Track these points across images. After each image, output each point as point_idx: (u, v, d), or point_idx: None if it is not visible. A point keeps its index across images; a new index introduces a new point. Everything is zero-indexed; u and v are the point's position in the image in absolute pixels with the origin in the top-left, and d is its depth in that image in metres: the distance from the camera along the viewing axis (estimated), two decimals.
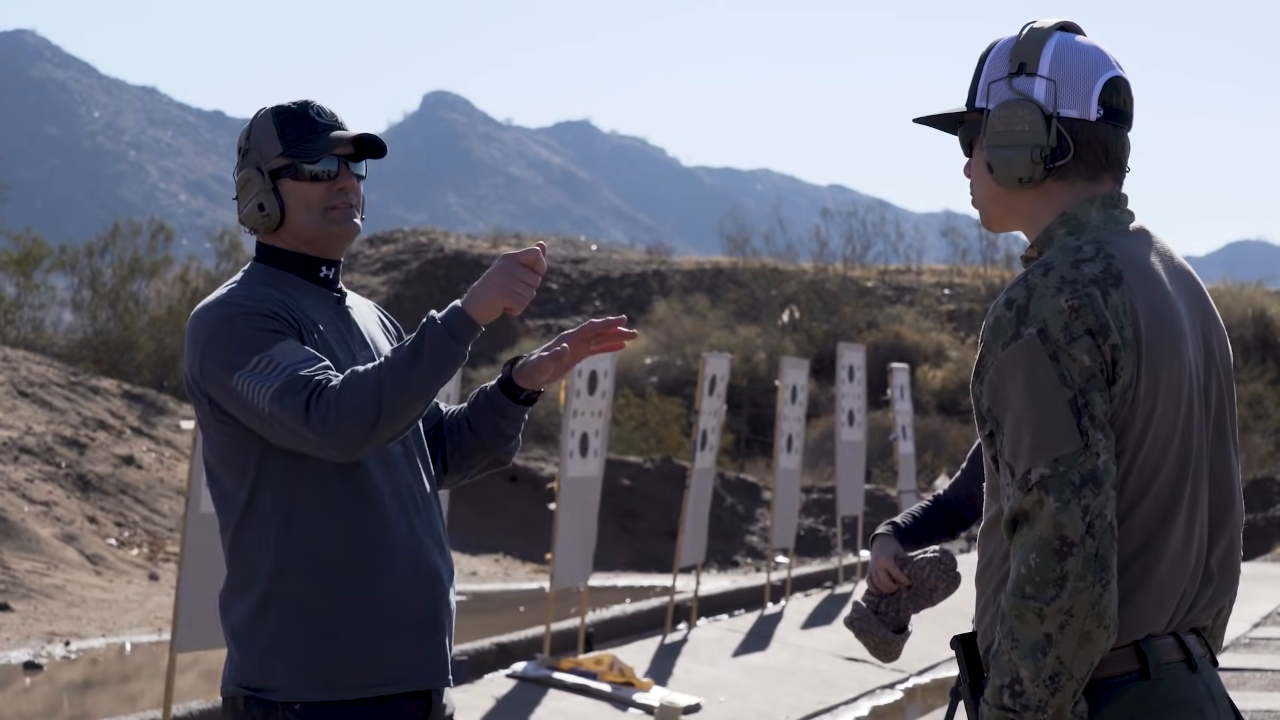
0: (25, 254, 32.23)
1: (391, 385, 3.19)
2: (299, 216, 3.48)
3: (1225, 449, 2.84)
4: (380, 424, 3.20)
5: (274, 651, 3.36)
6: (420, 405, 3.24)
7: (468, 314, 3.23)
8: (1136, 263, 2.75)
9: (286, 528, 3.37)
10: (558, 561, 10.62)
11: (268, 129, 3.49)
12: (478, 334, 3.24)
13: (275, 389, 3.24)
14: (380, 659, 3.37)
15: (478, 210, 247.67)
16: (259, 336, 3.32)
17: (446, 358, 3.22)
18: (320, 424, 3.21)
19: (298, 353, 3.30)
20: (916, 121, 2.97)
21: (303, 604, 3.36)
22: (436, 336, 3.21)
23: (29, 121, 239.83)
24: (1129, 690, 2.70)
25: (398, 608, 3.39)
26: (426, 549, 3.45)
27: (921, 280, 43.44)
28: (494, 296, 3.23)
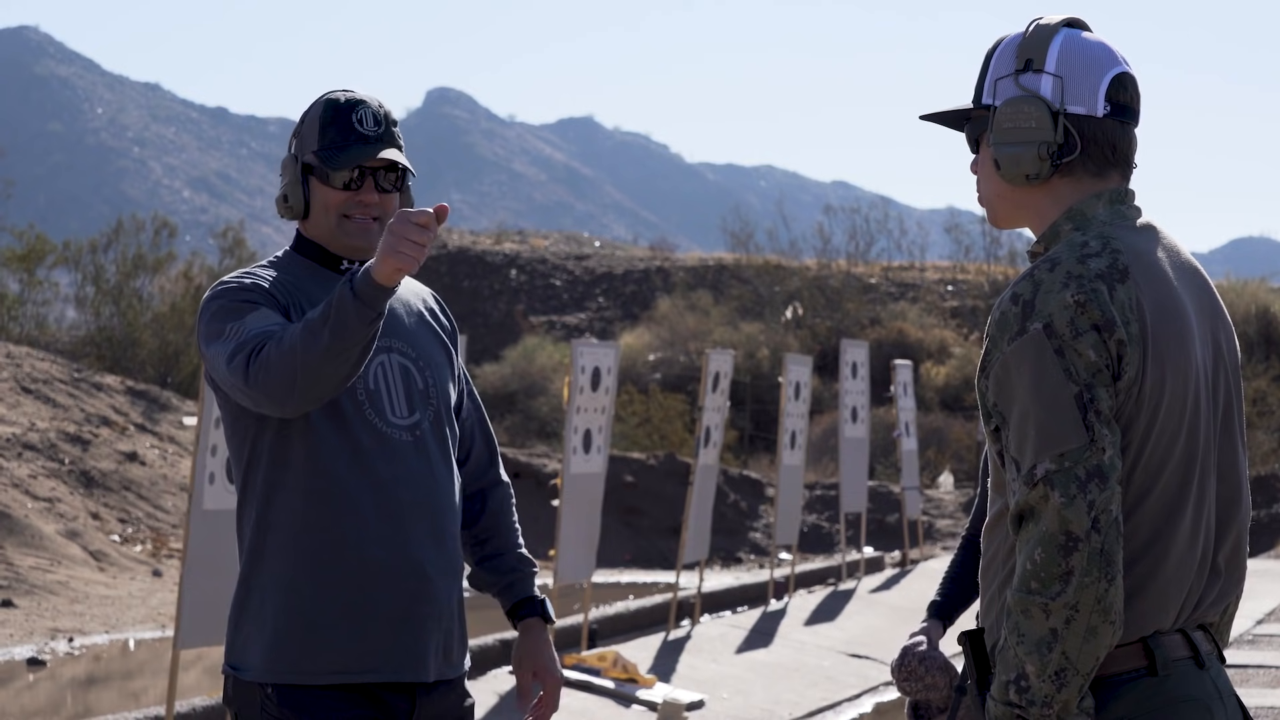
0: (28, 250, 32.22)
1: (303, 346, 3.16)
2: (317, 216, 3.49)
3: (1233, 445, 2.83)
4: (299, 383, 3.18)
5: (250, 631, 3.40)
6: (336, 364, 3.17)
7: (369, 274, 3.16)
8: (1143, 258, 2.75)
9: (269, 508, 3.40)
10: (561, 558, 10.62)
11: (314, 121, 3.48)
12: (383, 294, 3.15)
13: (229, 350, 3.27)
14: (349, 647, 3.37)
15: (481, 207, 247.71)
16: (237, 308, 3.34)
17: (351, 316, 3.14)
18: (255, 382, 3.22)
19: (266, 319, 3.31)
20: (923, 119, 2.97)
21: (277, 586, 3.38)
22: (343, 298, 3.15)
23: (32, 118, 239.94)
24: (1136, 687, 2.70)
25: (369, 597, 3.37)
26: (412, 542, 3.41)
27: (925, 277, 43.42)
28: (379, 257, 3.14)
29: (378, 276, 3.14)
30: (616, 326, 40.79)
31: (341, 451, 3.38)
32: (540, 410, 33.22)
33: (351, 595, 3.37)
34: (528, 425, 32.90)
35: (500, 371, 36.63)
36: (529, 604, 3.65)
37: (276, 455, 3.39)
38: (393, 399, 3.46)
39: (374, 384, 3.44)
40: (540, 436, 31.28)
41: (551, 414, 31.95)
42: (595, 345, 11.19)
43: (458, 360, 3.67)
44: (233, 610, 3.46)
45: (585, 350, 10.92)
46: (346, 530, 3.38)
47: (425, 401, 3.51)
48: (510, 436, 31.38)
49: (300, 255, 3.54)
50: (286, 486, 3.39)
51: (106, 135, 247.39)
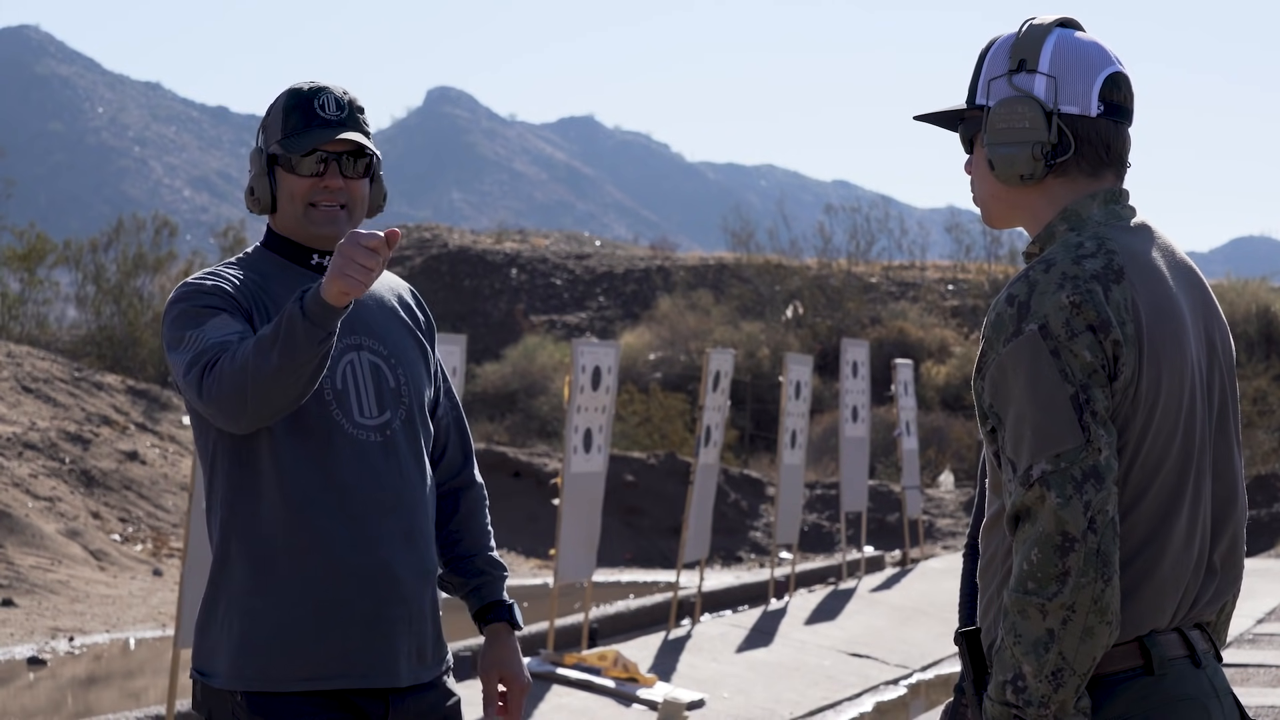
0: (29, 250, 32.24)
1: (254, 364, 3.13)
2: (284, 207, 3.46)
3: (1228, 444, 2.84)
4: (250, 400, 3.15)
5: (218, 639, 3.37)
6: (286, 382, 3.14)
7: (319, 294, 3.12)
8: (1138, 258, 2.75)
9: (234, 512, 3.36)
10: (561, 557, 10.62)
11: (278, 111, 3.46)
12: (332, 314, 3.12)
13: (186, 362, 3.24)
14: (317, 652, 3.33)
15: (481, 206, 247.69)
16: (197, 314, 3.31)
17: (301, 337, 3.10)
18: (208, 398, 3.19)
19: (225, 327, 3.27)
20: (917, 119, 2.97)
21: (241, 591, 3.35)
22: (292, 316, 3.12)
23: (33, 117, 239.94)
24: (1133, 686, 2.70)
25: (337, 601, 3.34)
26: (381, 543, 3.37)
27: (925, 276, 43.42)
28: (327, 278, 3.11)
29: (327, 296, 3.10)
30: (617, 326, 40.79)
31: (307, 454, 3.34)
32: (541, 409, 33.22)
33: (319, 599, 3.33)
34: (528, 424, 32.90)
35: (501, 371, 36.63)
36: (497, 608, 3.61)
37: (242, 458, 3.35)
38: (361, 398, 3.41)
39: (341, 384, 3.40)
40: (541, 436, 31.28)
41: (552, 413, 31.95)
42: (596, 344, 11.19)
43: (434, 357, 3.61)
44: (200, 615, 3.42)
45: (586, 349, 10.93)
46: (313, 533, 3.33)
47: (396, 400, 3.45)
48: (511, 436, 31.38)
49: (269, 251, 3.50)
50: (252, 490, 3.35)
51: (107, 134, 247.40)
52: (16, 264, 32.15)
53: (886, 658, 12.24)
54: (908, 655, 12.40)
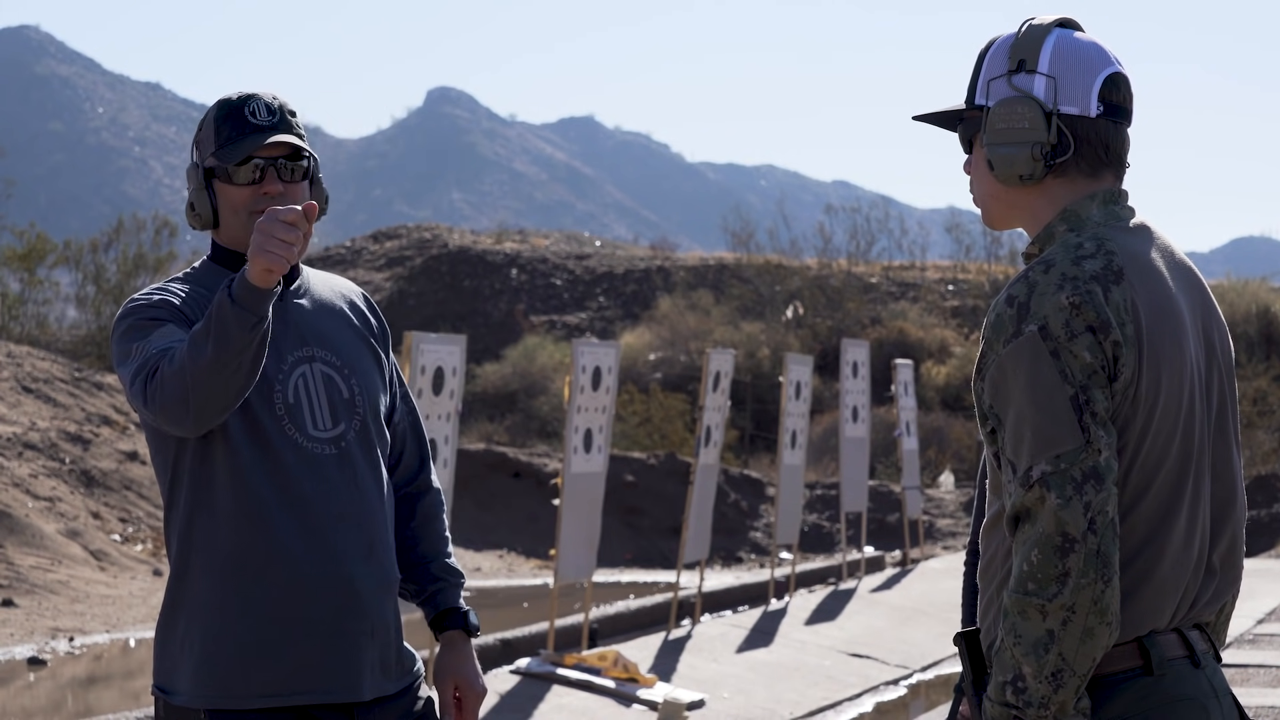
0: (29, 250, 32.25)
1: (191, 360, 3.10)
2: (227, 219, 3.41)
3: (1227, 445, 2.84)
4: (193, 399, 3.12)
5: (178, 655, 3.33)
6: (228, 374, 3.11)
7: (244, 277, 3.09)
8: (1137, 259, 2.75)
9: (190, 528, 3.33)
10: (562, 557, 10.62)
11: (210, 124, 3.42)
12: (261, 296, 3.07)
13: (132, 373, 3.22)
14: (278, 668, 3.30)
15: (481, 206, 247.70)
16: (142, 327, 3.28)
17: (232, 323, 3.07)
18: (152, 404, 3.17)
19: (169, 336, 3.24)
20: (916, 119, 2.97)
21: (201, 607, 3.31)
22: (221, 304, 3.09)
23: (33, 117, 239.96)
24: (1132, 686, 2.70)
25: (302, 613, 3.31)
26: (340, 557, 3.34)
27: (925, 276, 43.42)
28: (252, 256, 3.07)
29: (252, 278, 3.07)
30: (617, 326, 40.79)
31: (262, 469, 3.31)
32: (541, 410, 33.22)
33: (279, 614, 3.30)
34: (528, 425, 32.91)
35: (501, 371, 36.63)
36: (452, 615, 3.57)
37: (199, 475, 3.32)
38: (314, 411, 3.38)
39: (294, 397, 3.36)
40: (541, 436, 31.28)
41: (552, 413, 31.95)
42: (596, 345, 11.19)
43: (389, 362, 3.57)
44: (159, 632, 3.39)
45: (586, 350, 10.93)
46: (271, 549, 3.31)
47: (350, 411, 3.42)
48: (511, 436, 31.38)
49: (216, 264, 3.46)
50: (209, 506, 3.32)
51: (107, 135, 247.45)
52: (16, 264, 32.16)
53: (886, 658, 12.24)
54: (908, 655, 12.40)
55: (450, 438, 9.45)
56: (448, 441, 9.42)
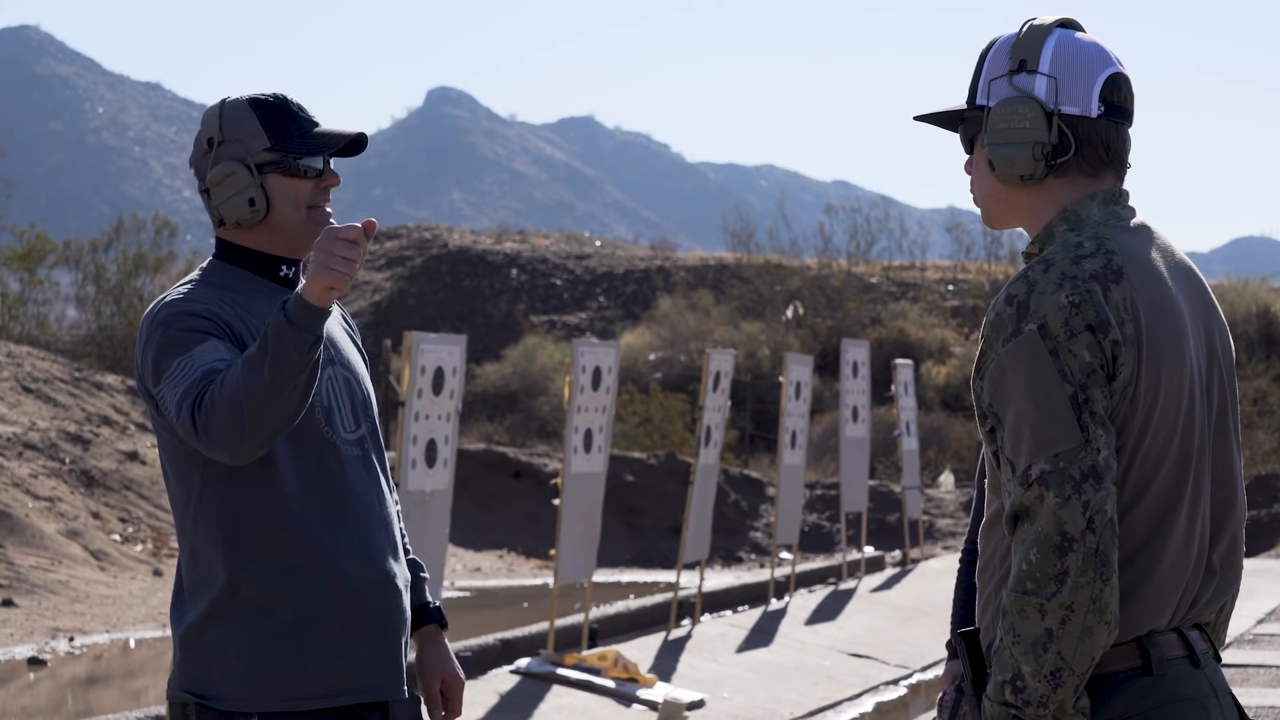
0: (29, 250, 32.23)
1: (246, 384, 3.09)
2: (285, 212, 3.41)
3: (1227, 445, 2.84)
4: (248, 424, 3.11)
5: (226, 659, 3.30)
6: (282, 398, 3.11)
7: (302, 297, 3.11)
8: (1137, 258, 2.76)
9: (237, 532, 3.30)
10: (561, 557, 10.62)
11: (248, 121, 3.41)
12: (319, 316, 3.11)
13: (179, 393, 3.18)
14: (335, 667, 3.32)
15: (481, 206, 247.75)
16: (185, 338, 3.25)
17: (290, 345, 3.08)
18: (203, 431, 3.14)
19: (215, 353, 3.22)
20: (917, 119, 2.98)
21: (256, 611, 3.30)
22: (278, 327, 3.09)
23: (33, 117, 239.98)
24: (1131, 686, 2.70)
25: (352, 615, 3.33)
26: (381, 555, 3.38)
27: (926, 276, 43.42)
28: (311, 276, 3.10)
29: (311, 298, 3.09)
30: (617, 326, 40.80)
31: (309, 471, 3.32)
32: (541, 410, 33.22)
33: (336, 617, 3.32)
34: (528, 425, 32.91)
35: (501, 371, 36.63)
36: (426, 611, 3.59)
37: (235, 481, 3.30)
38: (342, 413, 3.41)
39: (327, 399, 3.39)
40: (541, 436, 31.28)
41: (552, 413, 31.96)
42: (596, 345, 11.19)
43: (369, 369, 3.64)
44: (191, 637, 3.34)
45: (586, 350, 10.93)
46: (322, 550, 3.31)
47: (365, 413, 3.47)
48: (511, 436, 31.39)
49: (232, 265, 3.45)
50: (252, 512, 3.30)
51: (107, 135, 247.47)
52: (16, 264, 32.15)
53: (886, 658, 12.24)
54: (908, 655, 12.40)
55: (450, 438, 9.45)
56: (448, 441, 9.42)
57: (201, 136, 3.46)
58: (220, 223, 3.44)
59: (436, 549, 9.48)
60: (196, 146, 3.48)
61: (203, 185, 3.45)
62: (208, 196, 3.44)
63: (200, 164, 3.46)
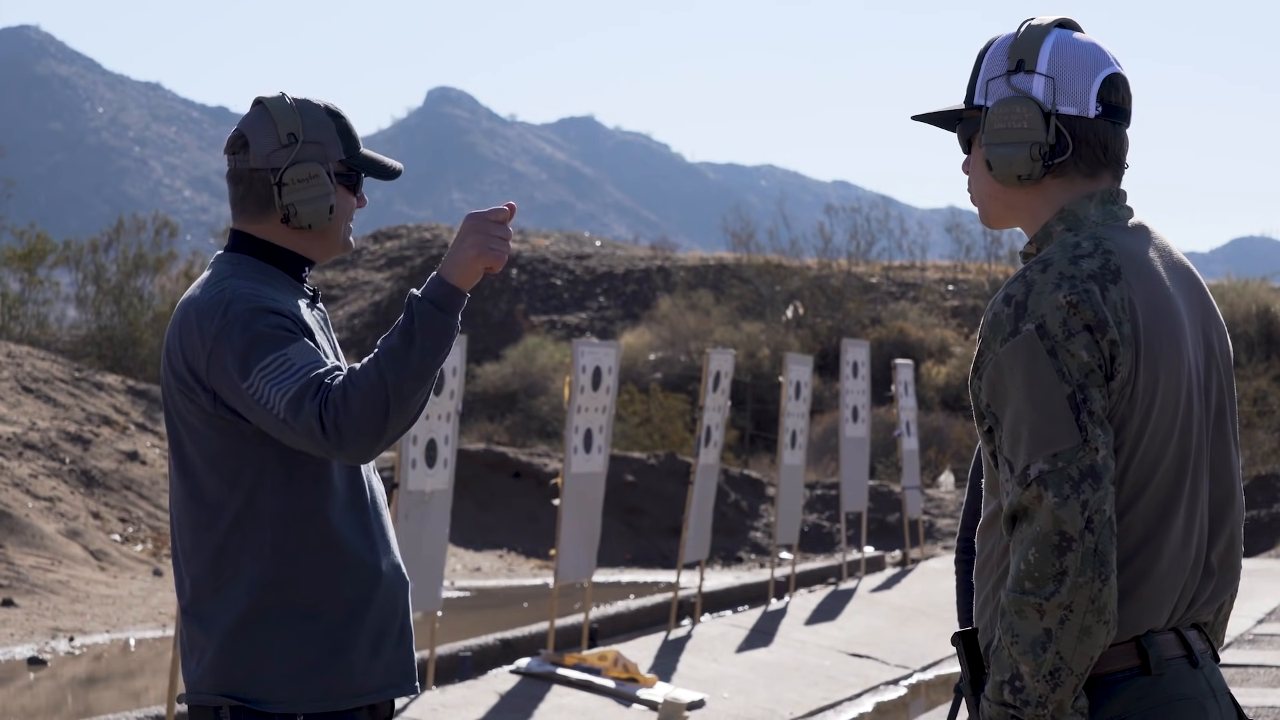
0: (29, 250, 32.24)
1: (394, 376, 3.09)
2: (339, 224, 3.44)
3: (1225, 445, 2.84)
4: (390, 419, 3.11)
5: (270, 660, 3.29)
6: (425, 391, 3.14)
7: (450, 283, 3.13)
8: (1135, 258, 2.76)
9: (283, 533, 3.29)
10: (562, 557, 10.62)
11: (327, 128, 3.41)
12: (464, 302, 3.15)
13: (291, 395, 3.14)
14: (372, 666, 3.34)
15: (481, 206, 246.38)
16: (274, 335, 3.21)
17: (440, 333, 3.12)
18: (335, 431, 3.11)
19: (310, 354, 3.20)
20: (915, 119, 2.98)
21: (301, 612, 3.30)
22: (425, 314, 3.11)
23: (33, 117, 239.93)
24: (1130, 686, 2.70)
25: (385, 614, 3.36)
26: (396, 553, 3.43)
27: (926, 276, 43.43)
28: (472, 257, 3.13)
29: (460, 281, 3.15)
30: (617, 326, 40.80)
31: (347, 473, 3.35)
32: (541, 410, 33.22)
33: (374, 615, 3.34)
34: (528, 425, 32.91)
35: (501, 371, 36.63)
36: None
37: (283, 483, 3.29)
38: None
39: None
40: (541, 436, 31.28)
41: (552, 413, 31.96)
42: (596, 345, 11.20)
43: None
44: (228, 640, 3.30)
45: (586, 350, 10.93)
46: (364, 551, 3.34)
47: None
48: (511, 436, 31.39)
49: (260, 260, 3.43)
50: (304, 513, 3.30)
51: (107, 135, 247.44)
52: (16, 264, 32.16)
53: (886, 658, 12.24)
54: (908, 655, 12.40)
55: (450, 438, 9.46)
56: (448, 441, 9.43)
57: (278, 128, 3.38)
58: (285, 219, 3.38)
59: (436, 549, 9.48)
60: (267, 136, 3.38)
61: (276, 178, 3.37)
62: (278, 190, 3.37)
63: (275, 156, 3.37)
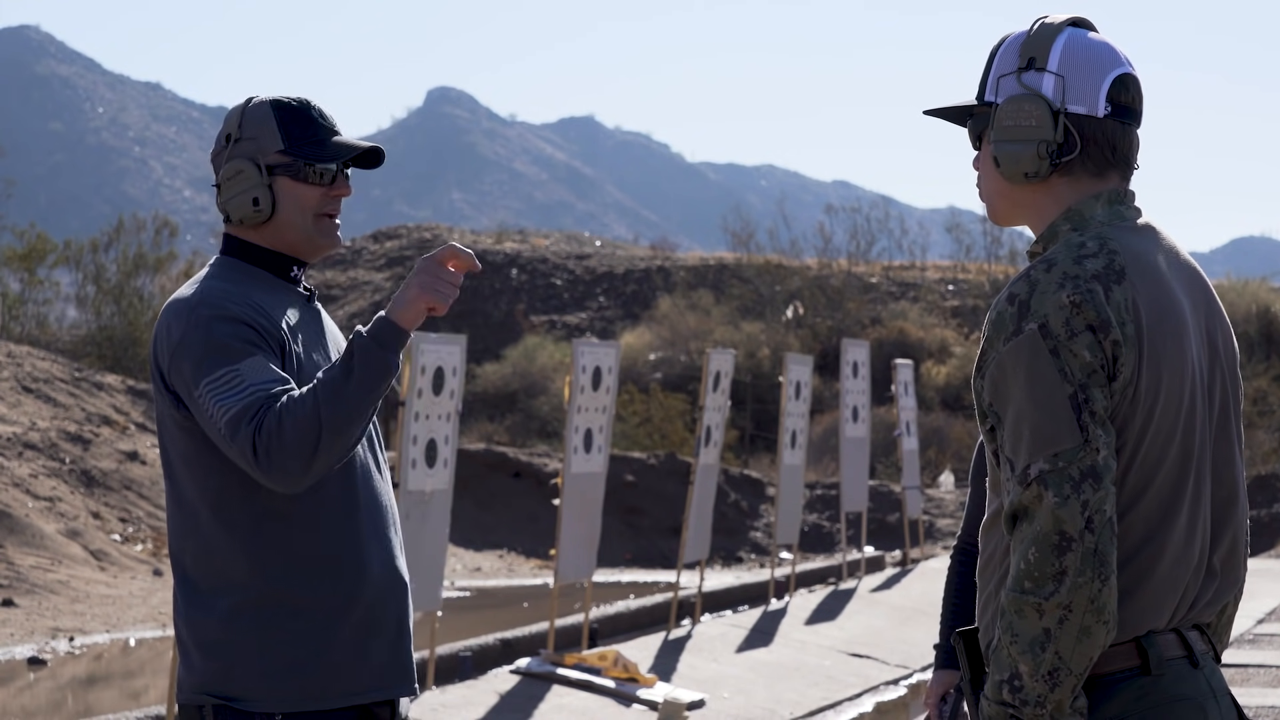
0: (29, 250, 32.24)
1: (328, 409, 3.11)
2: (290, 217, 3.42)
3: (1229, 446, 2.83)
4: (320, 451, 3.12)
5: (250, 659, 3.29)
6: (359, 424, 3.15)
7: (392, 321, 3.16)
8: (1140, 259, 2.75)
9: (260, 533, 3.30)
10: (562, 557, 10.62)
11: (266, 122, 3.42)
12: (405, 340, 3.17)
13: (233, 414, 3.16)
14: (358, 667, 3.33)
15: (481, 206, 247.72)
16: (230, 347, 3.23)
17: (378, 370, 3.14)
18: (265, 456, 3.13)
19: (263, 371, 3.21)
20: (927, 113, 2.97)
21: (281, 612, 3.30)
22: (365, 349, 3.13)
23: (33, 117, 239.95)
24: (1130, 686, 2.70)
25: (373, 614, 3.34)
26: (394, 554, 3.41)
27: (925, 276, 43.43)
28: (414, 296, 3.16)
29: (402, 321, 3.16)
30: (617, 326, 40.80)
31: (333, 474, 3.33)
32: (541, 410, 33.23)
33: (359, 615, 3.33)
34: (528, 425, 32.91)
35: (501, 371, 36.63)
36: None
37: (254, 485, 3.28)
38: None
39: None
40: (541, 436, 31.29)
41: (552, 413, 31.96)
42: (596, 345, 11.19)
43: None
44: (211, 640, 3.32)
45: (586, 350, 10.93)
46: (349, 551, 3.33)
47: None
48: (511, 436, 31.39)
49: (244, 261, 3.45)
50: (280, 512, 3.30)
51: (107, 135, 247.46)
52: (16, 264, 32.16)
53: (886, 658, 12.24)
54: (908, 655, 12.40)
55: (450, 438, 9.45)
56: (448, 441, 9.43)
57: (222, 133, 3.48)
58: (227, 219, 3.45)
59: (436, 549, 9.48)
60: (216, 142, 3.50)
61: (215, 180, 3.47)
62: (218, 192, 3.47)
63: (217, 159, 3.48)
